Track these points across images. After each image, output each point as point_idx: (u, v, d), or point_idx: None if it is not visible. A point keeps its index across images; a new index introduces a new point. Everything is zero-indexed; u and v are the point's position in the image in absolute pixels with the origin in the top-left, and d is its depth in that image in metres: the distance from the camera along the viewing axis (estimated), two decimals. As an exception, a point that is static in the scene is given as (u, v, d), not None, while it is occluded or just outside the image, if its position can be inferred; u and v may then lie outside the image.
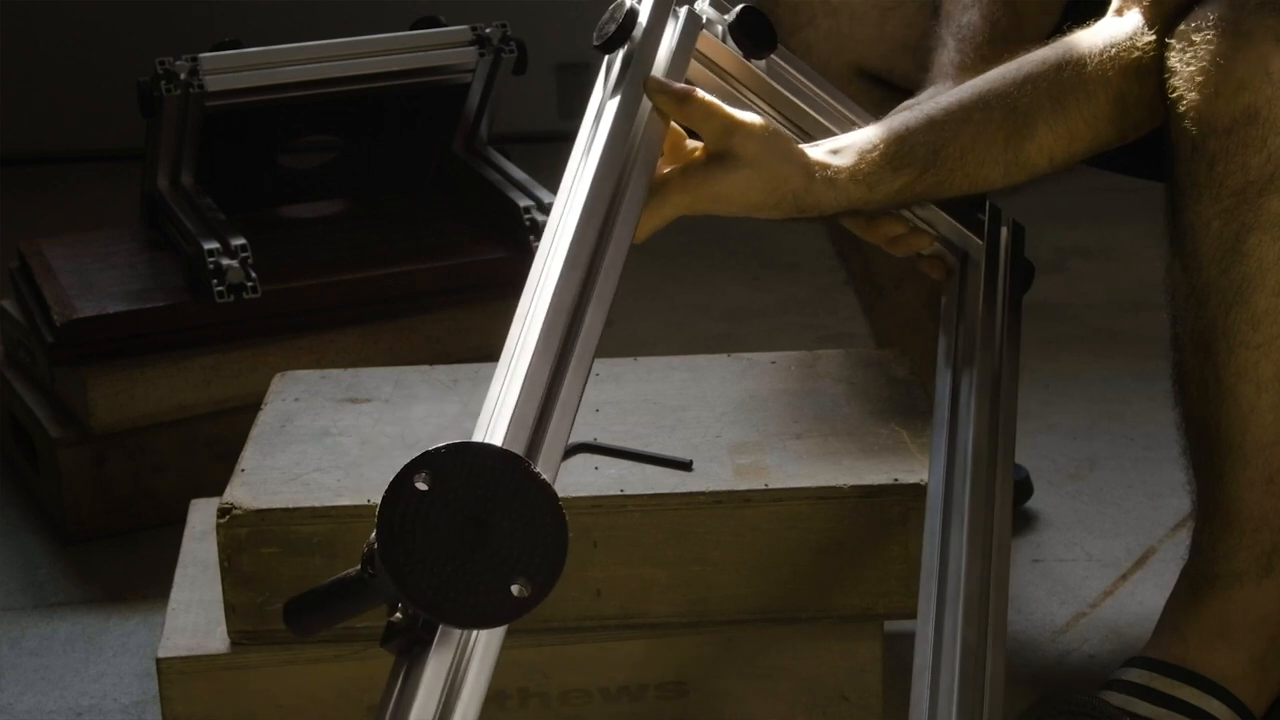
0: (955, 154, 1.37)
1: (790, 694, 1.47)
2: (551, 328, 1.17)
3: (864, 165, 1.35)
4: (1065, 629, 1.68)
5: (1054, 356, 2.29)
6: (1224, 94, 1.29)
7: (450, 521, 1.02)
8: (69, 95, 3.10)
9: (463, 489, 1.03)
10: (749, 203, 1.33)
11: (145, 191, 2.04)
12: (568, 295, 1.19)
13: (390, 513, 1.01)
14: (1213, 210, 1.32)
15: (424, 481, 1.02)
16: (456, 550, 1.02)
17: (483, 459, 1.04)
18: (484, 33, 2.02)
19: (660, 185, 1.32)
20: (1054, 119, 1.37)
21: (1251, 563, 1.40)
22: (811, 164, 1.35)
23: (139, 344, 1.89)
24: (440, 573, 1.01)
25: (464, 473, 1.03)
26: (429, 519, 1.02)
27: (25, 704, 1.62)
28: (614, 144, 1.27)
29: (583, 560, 1.43)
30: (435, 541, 1.01)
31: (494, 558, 1.02)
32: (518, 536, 1.03)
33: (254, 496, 1.42)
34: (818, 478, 1.44)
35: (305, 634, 1.11)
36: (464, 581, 1.02)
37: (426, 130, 2.12)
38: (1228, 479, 1.38)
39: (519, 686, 1.46)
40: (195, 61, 1.91)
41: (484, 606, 1.02)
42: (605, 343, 2.26)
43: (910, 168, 1.36)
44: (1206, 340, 1.36)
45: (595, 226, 1.23)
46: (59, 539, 1.91)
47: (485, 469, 1.04)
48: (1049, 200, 2.80)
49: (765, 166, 1.32)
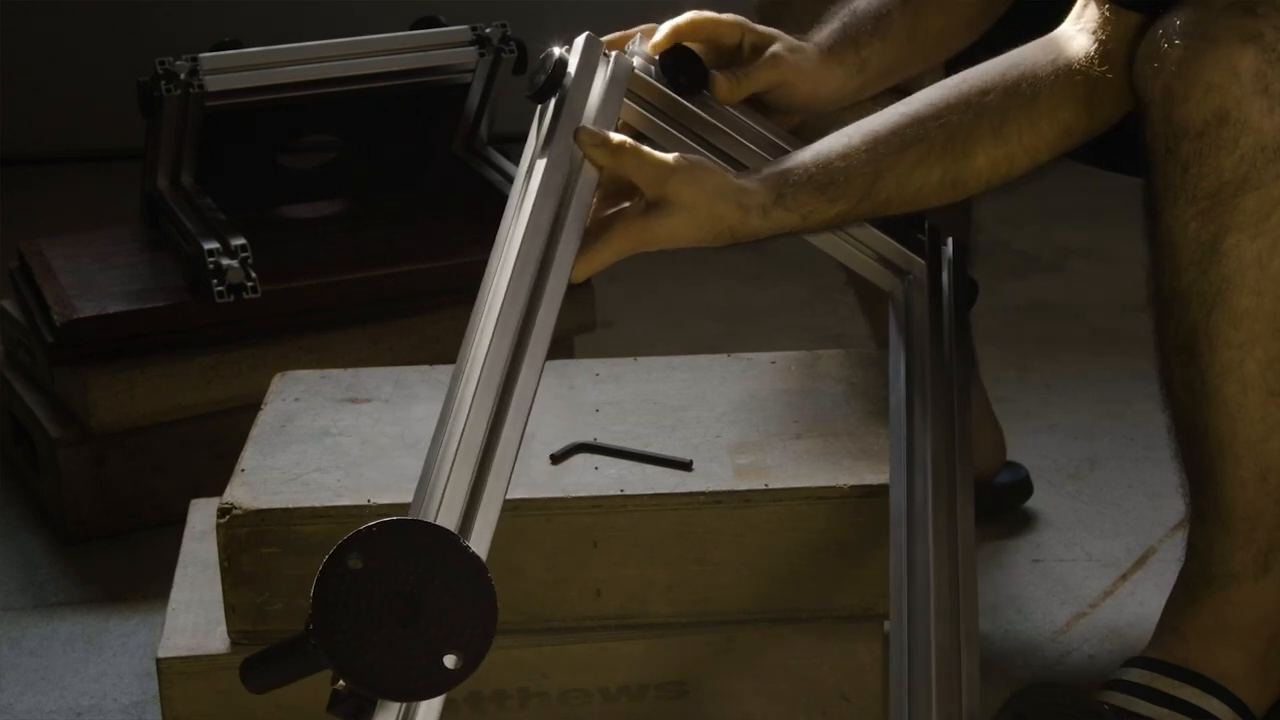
0: (892, 184, 1.38)
1: (790, 694, 1.47)
2: (485, 390, 1.22)
3: (798, 196, 1.37)
4: (1065, 629, 1.68)
5: (1054, 356, 2.29)
6: (1193, 97, 1.30)
7: (382, 598, 1.06)
8: (69, 95, 3.10)
9: (393, 566, 1.07)
10: (687, 239, 1.36)
11: (145, 191, 2.04)
12: (500, 358, 1.23)
13: (324, 590, 1.06)
14: (1189, 213, 1.33)
15: (357, 559, 1.06)
16: (389, 626, 1.06)
17: (412, 535, 1.08)
18: (484, 33, 2.02)
19: (599, 229, 1.34)
20: (994, 146, 1.38)
21: (1248, 562, 1.40)
22: (746, 197, 1.36)
23: (139, 344, 1.89)
24: (374, 647, 1.06)
25: (394, 550, 1.07)
26: (361, 596, 1.06)
27: (25, 704, 1.62)
28: (546, 194, 1.30)
29: (583, 560, 1.43)
30: (368, 618, 1.06)
31: (425, 632, 1.07)
32: (448, 610, 1.07)
33: (254, 496, 1.42)
34: (818, 478, 1.44)
35: (260, 692, 1.14)
36: (397, 655, 1.06)
37: (426, 130, 2.12)
38: (1220, 479, 1.39)
39: (519, 686, 1.46)
40: (195, 61, 1.91)
41: (416, 679, 1.07)
42: (605, 343, 2.28)
43: (845, 198, 1.37)
44: (1190, 343, 1.36)
45: (527, 284, 1.27)
46: (59, 539, 1.91)
47: (414, 545, 1.08)
48: (1049, 200, 2.81)
49: (700, 208, 1.34)
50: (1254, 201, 1.31)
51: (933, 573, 1.31)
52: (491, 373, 1.23)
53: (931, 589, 1.30)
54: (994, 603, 1.72)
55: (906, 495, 1.37)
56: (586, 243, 1.32)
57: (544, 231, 1.29)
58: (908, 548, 1.34)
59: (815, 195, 1.37)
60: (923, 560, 1.33)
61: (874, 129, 1.39)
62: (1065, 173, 1.88)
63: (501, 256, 1.30)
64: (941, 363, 1.47)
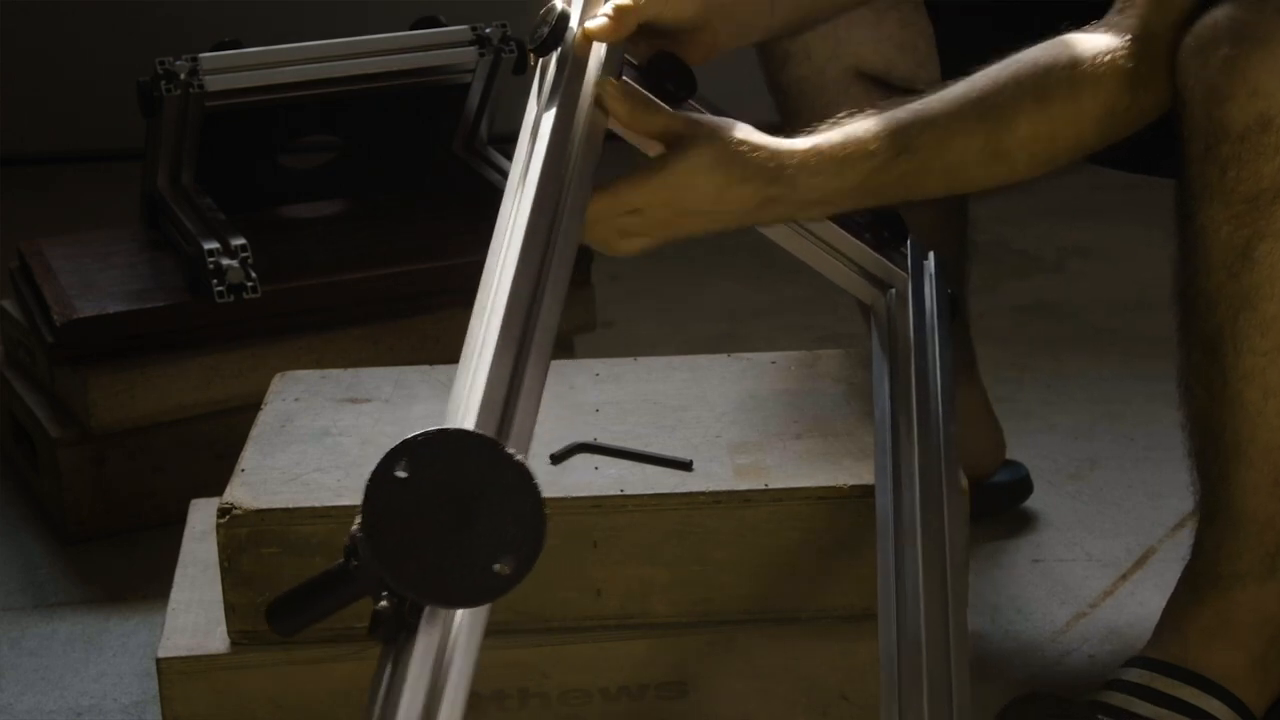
0: (930, 141, 1.33)
1: (790, 694, 1.47)
2: (510, 319, 1.18)
3: (840, 142, 1.32)
4: (1065, 629, 1.68)
5: (1054, 356, 2.30)
6: (1238, 99, 1.29)
7: (431, 506, 1.05)
8: (69, 95, 3.10)
9: (441, 474, 1.06)
10: (712, 186, 1.30)
11: (145, 191, 2.04)
12: (524, 288, 1.19)
13: (373, 501, 1.04)
14: (1223, 215, 1.32)
15: (404, 469, 1.05)
16: (439, 533, 1.05)
17: (459, 444, 1.07)
18: (484, 33, 2.02)
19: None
20: (1035, 113, 1.34)
21: (1255, 564, 1.40)
22: (777, 147, 1.31)
23: (139, 344, 1.89)
24: (424, 556, 1.04)
25: (442, 459, 1.06)
26: (410, 505, 1.05)
27: (25, 704, 1.62)
28: (555, 148, 1.25)
29: (583, 560, 1.43)
30: (418, 526, 1.04)
31: (476, 538, 1.05)
32: (497, 516, 1.06)
33: (254, 496, 1.42)
34: (818, 478, 1.44)
35: (289, 634, 1.12)
36: (448, 563, 1.05)
37: (426, 130, 2.12)
38: (1233, 481, 1.38)
39: (519, 686, 1.46)
40: (195, 61, 1.91)
41: (469, 586, 1.05)
42: (605, 343, 2.28)
43: (877, 154, 1.32)
44: (1214, 343, 1.36)
45: (545, 224, 1.22)
46: (59, 539, 1.91)
47: (462, 454, 1.07)
48: (1049, 200, 2.82)
49: (726, 143, 1.30)
50: None
51: (922, 578, 1.30)
52: (515, 304, 1.18)
53: (921, 594, 1.29)
54: (994, 603, 1.72)
55: (893, 504, 1.36)
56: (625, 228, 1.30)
57: (557, 179, 1.24)
58: (895, 554, 1.33)
59: (853, 148, 1.31)
60: (911, 566, 1.31)
61: (912, 100, 1.36)
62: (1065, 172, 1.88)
63: (515, 207, 1.25)
64: (925, 373, 1.46)
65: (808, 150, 1.31)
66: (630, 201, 1.29)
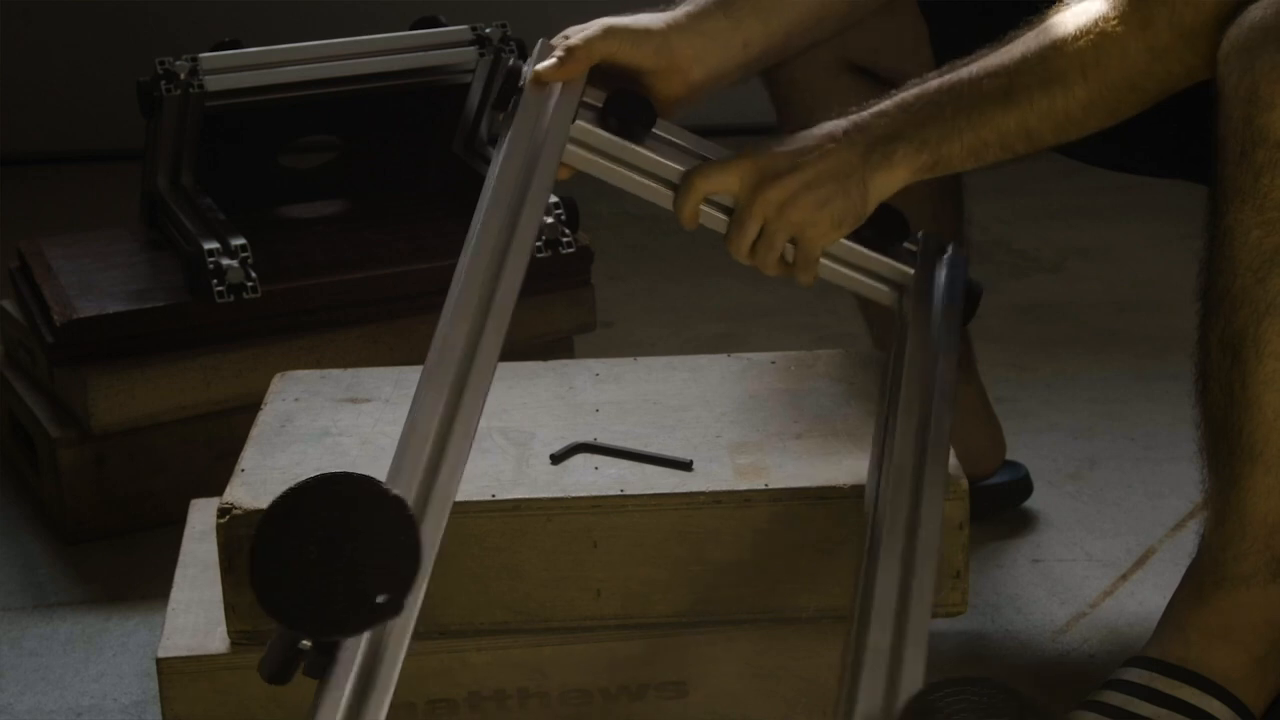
0: (963, 123, 1.39)
1: (790, 694, 1.47)
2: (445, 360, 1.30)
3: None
4: (1065, 629, 1.68)
5: (1054, 356, 2.30)
6: (1278, 107, 1.28)
7: (306, 544, 1.12)
8: (69, 95, 3.10)
9: (321, 514, 1.13)
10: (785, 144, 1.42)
11: (145, 191, 2.04)
12: (457, 345, 1.31)
13: (257, 553, 1.12)
14: (1254, 220, 1.32)
15: (285, 512, 1.13)
16: (314, 568, 1.12)
17: (334, 486, 1.14)
18: (484, 33, 2.02)
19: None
20: (1053, 85, 1.38)
21: (1262, 567, 1.40)
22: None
23: (139, 344, 1.89)
24: (304, 590, 1.12)
25: (321, 499, 1.13)
26: (287, 546, 1.12)
27: (25, 704, 1.62)
28: (500, 197, 1.38)
29: (583, 560, 1.43)
30: (294, 563, 1.12)
31: (351, 570, 1.12)
32: (373, 549, 1.12)
33: (254, 496, 1.42)
34: (818, 478, 1.44)
35: (275, 683, 1.17)
36: (326, 595, 1.12)
37: (426, 130, 2.12)
38: (1245, 484, 1.38)
39: (519, 686, 1.46)
40: (195, 61, 1.91)
41: (344, 616, 1.12)
42: (605, 343, 2.28)
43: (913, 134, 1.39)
44: (1236, 345, 1.35)
45: (483, 280, 1.36)
46: (59, 539, 1.91)
47: (340, 494, 1.14)
48: (1049, 200, 2.82)
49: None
50: None
51: (880, 572, 1.28)
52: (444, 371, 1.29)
53: (877, 589, 1.27)
54: (994, 603, 1.72)
55: (875, 499, 1.36)
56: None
57: (508, 208, 1.37)
58: (869, 549, 1.32)
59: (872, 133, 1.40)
60: (885, 561, 1.30)
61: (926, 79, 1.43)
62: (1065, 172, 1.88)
63: (461, 269, 1.36)
64: (922, 368, 1.45)
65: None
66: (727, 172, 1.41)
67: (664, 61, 1.45)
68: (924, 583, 1.27)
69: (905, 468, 1.35)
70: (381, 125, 2.10)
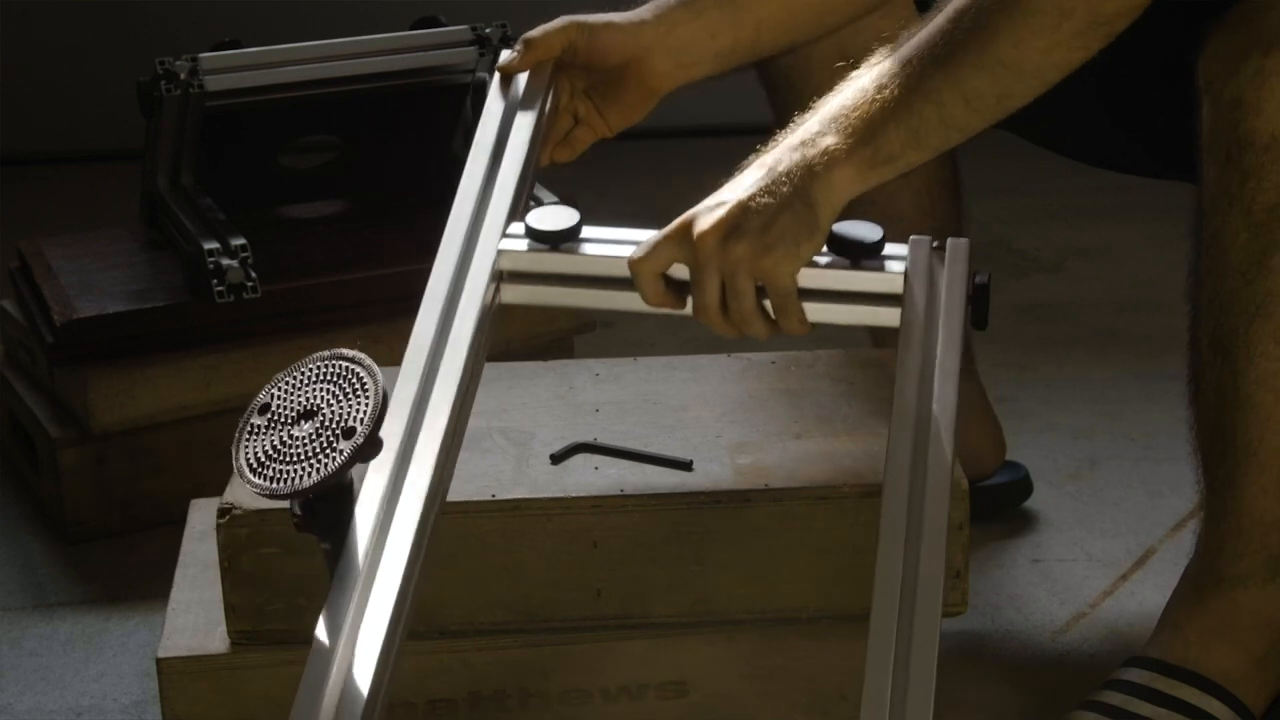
0: (931, 110, 1.27)
1: (790, 694, 1.47)
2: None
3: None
4: (1065, 629, 1.68)
5: (1054, 356, 2.30)
6: (1266, 111, 1.28)
7: (285, 422, 1.17)
8: (69, 95, 3.10)
9: (293, 396, 1.19)
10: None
11: (145, 191, 2.04)
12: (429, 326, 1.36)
13: (238, 441, 1.18)
14: (1241, 223, 1.32)
15: (266, 398, 1.20)
16: (283, 435, 1.17)
17: (309, 365, 1.20)
18: (484, 33, 2.02)
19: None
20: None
21: (1259, 566, 1.40)
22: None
23: (139, 344, 1.89)
24: (282, 460, 1.16)
25: (293, 381, 1.20)
26: (271, 429, 1.18)
27: (25, 704, 1.62)
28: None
29: (583, 560, 1.43)
30: (274, 440, 1.17)
31: (320, 430, 1.16)
32: (338, 407, 1.17)
33: (254, 497, 1.42)
34: (818, 478, 1.44)
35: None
36: (295, 456, 1.16)
37: (426, 130, 2.12)
38: (1240, 484, 1.38)
39: (519, 686, 1.46)
40: (195, 61, 1.91)
41: (316, 470, 1.15)
42: (605, 343, 2.27)
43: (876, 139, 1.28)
44: (1227, 346, 1.35)
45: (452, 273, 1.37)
46: (59, 539, 1.91)
47: (310, 372, 1.19)
48: (1049, 200, 2.81)
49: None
50: None
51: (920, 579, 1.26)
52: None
53: (916, 595, 1.26)
54: (994, 603, 1.72)
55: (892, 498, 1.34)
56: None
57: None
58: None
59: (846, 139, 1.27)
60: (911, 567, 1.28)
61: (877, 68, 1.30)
62: (1065, 172, 1.88)
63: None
64: (921, 378, 1.38)
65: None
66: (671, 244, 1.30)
67: (628, 52, 1.46)
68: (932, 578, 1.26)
69: (905, 470, 1.34)
70: (381, 125, 2.10)
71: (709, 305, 1.30)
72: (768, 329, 1.32)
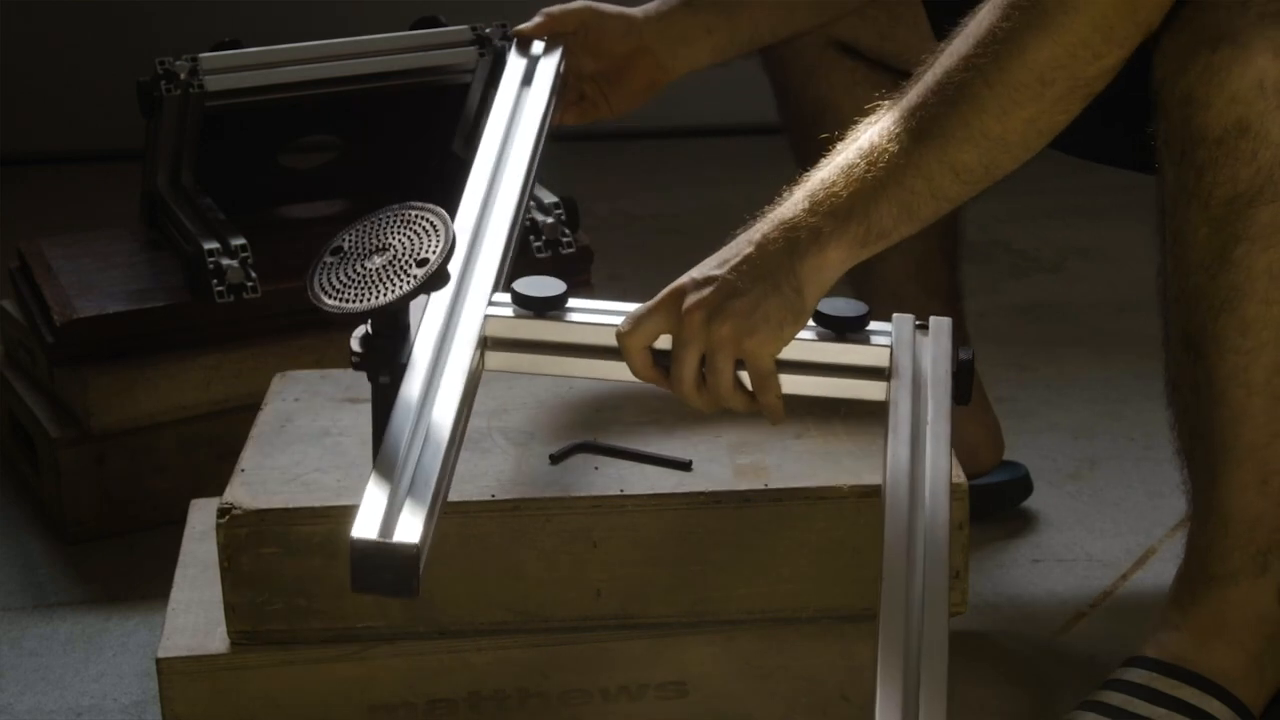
0: (920, 183, 1.28)
1: (790, 694, 1.47)
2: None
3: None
4: (1065, 629, 1.68)
5: (1054, 356, 2.29)
6: (1215, 105, 1.29)
7: (359, 256, 1.27)
8: (69, 95, 3.10)
9: (366, 237, 1.29)
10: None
11: (145, 191, 2.04)
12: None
13: (313, 274, 1.28)
14: (1201, 218, 1.33)
15: (333, 254, 1.29)
16: (360, 265, 1.27)
17: (381, 214, 1.30)
18: (484, 33, 2.02)
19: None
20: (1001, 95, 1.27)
21: (1247, 562, 1.40)
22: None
23: (139, 344, 1.89)
24: (356, 285, 1.26)
25: (365, 228, 1.30)
26: (343, 263, 1.28)
27: (25, 704, 1.62)
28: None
29: (583, 560, 1.43)
30: (348, 271, 1.27)
31: (394, 261, 1.26)
32: (410, 241, 1.27)
33: (254, 496, 1.42)
34: (818, 478, 1.44)
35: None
36: (376, 282, 1.25)
37: (426, 130, 2.12)
38: (1221, 480, 1.39)
39: (519, 686, 1.46)
40: (195, 61, 1.91)
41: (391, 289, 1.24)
42: (605, 343, 2.26)
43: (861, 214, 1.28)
44: (1197, 343, 1.36)
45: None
46: (59, 539, 1.91)
47: (383, 220, 1.29)
48: (1049, 200, 2.81)
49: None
50: (1268, 214, 1.30)
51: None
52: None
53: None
54: (994, 603, 1.72)
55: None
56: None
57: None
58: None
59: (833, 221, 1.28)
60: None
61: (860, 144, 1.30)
62: (1065, 172, 1.88)
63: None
64: (911, 448, 1.31)
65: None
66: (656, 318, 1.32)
67: (631, 43, 1.60)
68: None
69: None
70: (381, 125, 2.10)
71: (684, 379, 1.31)
72: (746, 404, 1.32)
